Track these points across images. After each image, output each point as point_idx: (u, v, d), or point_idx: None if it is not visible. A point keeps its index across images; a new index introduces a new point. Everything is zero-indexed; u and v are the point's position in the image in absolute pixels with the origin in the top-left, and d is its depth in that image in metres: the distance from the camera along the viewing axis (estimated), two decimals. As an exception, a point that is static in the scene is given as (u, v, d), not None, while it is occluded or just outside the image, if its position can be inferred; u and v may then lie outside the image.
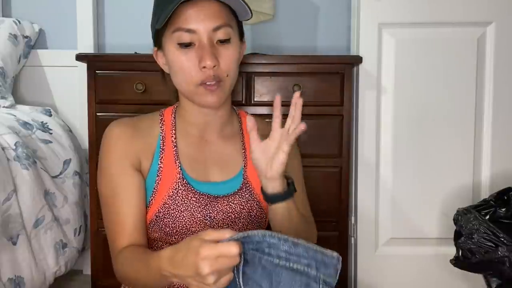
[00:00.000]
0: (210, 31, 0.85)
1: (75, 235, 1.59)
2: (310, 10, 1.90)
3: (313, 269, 0.63)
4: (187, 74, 0.87)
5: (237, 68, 0.92)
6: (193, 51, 0.86)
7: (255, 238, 0.62)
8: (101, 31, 1.92)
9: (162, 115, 0.99)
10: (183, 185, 0.91)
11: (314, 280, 0.63)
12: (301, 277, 0.64)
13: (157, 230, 0.92)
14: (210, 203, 0.91)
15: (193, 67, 0.86)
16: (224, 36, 0.87)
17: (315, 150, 1.52)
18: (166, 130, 0.96)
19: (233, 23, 0.89)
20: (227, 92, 0.91)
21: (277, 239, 0.63)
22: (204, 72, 0.86)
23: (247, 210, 0.93)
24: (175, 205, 0.90)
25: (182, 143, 0.95)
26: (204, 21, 0.85)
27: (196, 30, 0.85)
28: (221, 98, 0.90)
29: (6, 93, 1.73)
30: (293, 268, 0.63)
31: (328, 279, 0.64)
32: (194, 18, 0.85)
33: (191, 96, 0.91)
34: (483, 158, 1.69)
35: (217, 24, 0.85)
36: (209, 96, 0.88)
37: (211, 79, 0.86)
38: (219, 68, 0.86)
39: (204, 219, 0.91)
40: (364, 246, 1.72)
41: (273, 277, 0.64)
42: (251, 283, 0.64)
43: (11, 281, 1.29)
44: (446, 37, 1.67)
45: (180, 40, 0.86)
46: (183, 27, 0.85)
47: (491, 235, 1.28)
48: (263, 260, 0.64)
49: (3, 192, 1.26)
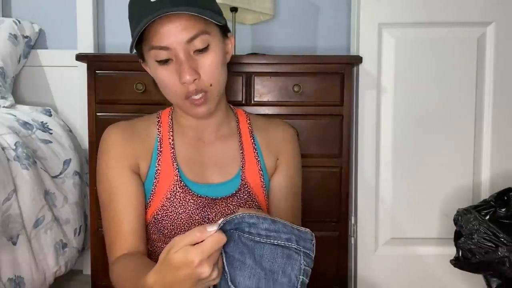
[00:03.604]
0: (185, 44, 0.82)
1: (75, 235, 1.59)
2: (310, 10, 1.90)
3: (293, 242, 0.65)
4: (171, 89, 0.86)
5: (223, 72, 0.89)
6: (172, 66, 0.84)
7: (234, 221, 0.63)
8: (101, 31, 1.92)
9: (159, 116, 0.99)
10: (181, 187, 0.91)
11: (295, 252, 0.66)
12: (283, 250, 0.65)
13: (155, 232, 0.91)
14: (208, 205, 0.91)
15: (175, 82, 0.84)
16: (201, 44, 0.83)
17: (315, 150, 1.52)
18: (163, 132, 0.96)
19: (210, 27, 0.85)
20: (216, 99, 0.90)
21: (256, 218, 0.64)
22: (186, 87, 0.84)
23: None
24: (173, 207, 0.90)
25: (179, 145, 0.95)
26: (177, 35, 0.81)
27: (170, 46, 0.82)
28: (211, 107, 0.89)
29: (6, 93, 1.73)
30: (274, 243, 0.65)
31: (308, 251, 0.66)
32: (166, 35, 0.81)
33: (181, 109, 0.92)
34: (483, 158, 1.69)
35: (191, 35, 0.82)
36: (198, 108, 0.87)
37: (194, 93, 0.85)
38: (200, 80, 0.84)
39: (202, 221, 0.90)
40: (364, 246, 1.72)
41: (255, 251, 0.65)
42: (234, 262, 0.65)
43: (11, 281, 1.29)
44: (446, 37, 1.67)
45: (157, 57, 0.84)
46: (157, 45, 0.82)
47: (491, 236, 1.28)
48: (243, 237, 0.65)
49: (3, 192, 1.26)
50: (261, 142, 1.00)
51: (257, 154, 0.98)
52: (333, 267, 1.54)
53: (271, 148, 1.00)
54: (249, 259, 0.65)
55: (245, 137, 0.99)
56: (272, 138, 1.01)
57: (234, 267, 0.65)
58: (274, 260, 0.66)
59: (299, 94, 1.51)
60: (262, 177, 0.97)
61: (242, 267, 0.65)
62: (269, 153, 1.00)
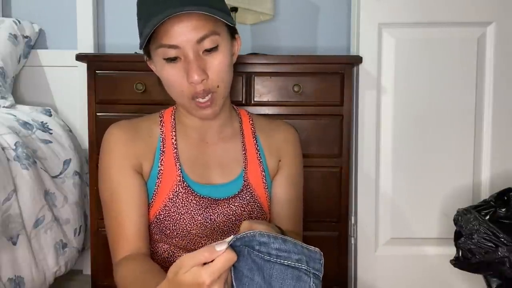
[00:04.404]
0: (194, 43, 0.82)
1: (75, 235, 1.59)
2: (310, 10, 1.90)
3: (303, 263, 0.64)
4: (178, 88, 0.85)
5: (230, 73, 0.89)
6: (181, 65, 0.84)
7: (244, 239, 0.62)
8: (101, 31, 1.92)
9: (162, 116, 0.99)
10: (184, 187, 0.90)
11: (305, 273, 0.65)
12: (293, 271, 0.64)
13: (157, 232, 0.91)
14: (211, 206, 0.91)
15: (182, 80, 0.84)
16: (211, 45, 0.83)
17: (315, 150, 1.52)
18: (166, 132, 0.95)
19: (219, 27, 0.85)
20: (222, 101, 0.89)
21: (267, 237, 0.63)
22: (194, 87, 0.84)
23: (248, 212, 0.93)
24: (175, 207, 0.89)
25: (182, 145, 0.95)
26: (186, 34, 0.81)
27: (180, 45, 0.82)
28: (216, 110, 0.89)
29: (6, 93, 1.73)
30: (284, 264, 0.64)
31: (317, 273, 0.65)
32: (177, 33, 0.81)
33: (186, 109, 0.91)
34: (483, 158, 1.69)
35: (201, 35, 0.82)
36: (204, 110, 0.87)
37: (201, 94, 0.84)
38: (208, 81, 0.84)
39: (204, 221, 0.90)
40: (364, 246, 1.72)
41: (264, 270, 0.64)
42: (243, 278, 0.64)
43: (11, 281, 1.29)
44: (446, 37, 1.67)
45: (165, 55, 0.83)
46: (166, 43, 0.82)
47: (491, 236, 1.28)
48: (252, 254, 0.64)
49: (3, 192, 1.26)
50: (264, 143, 1.00)
51: (259, 155, 0.98)
52: (333, 267, 1.54)
53: (273, 150, 1.00)
54: (257, 277, 0.64)
55: (247, 138, 0.99)
56: (274, 140, 1.01)
57: (242, 283, 0.64)
58: (283, 281, 0.65)
59: (299, 94, 1.51)
60: (264, 178, 0.97)
61: (251, 284, 0.64)
62: (271, 154, 1.00)
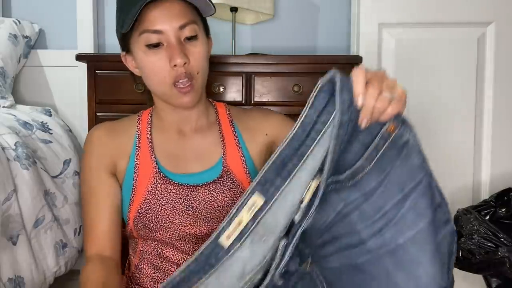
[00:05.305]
0: (177, 29, 0.86)
1: (75, 235, 1.59)
2: (310, 10, 1.90)
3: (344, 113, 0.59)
4: (160, 74, 0.88)
5: (207, 65, 0.93)
6: (163, 51, 0.87)
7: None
8: (101, 31, 1.92)
9: (140, 115, 1.02)
10: (161, 178, 0.92)
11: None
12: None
13: (141, 228, 0.92)
14: (191, 194, 0.91)
15: (165, 66, 0.87)
16: (191, 33, 0.88)
17: (315, 150, 1.52)
18: (142, 129, 0.98)
19: (198, 20, 0.91)
20: (200, 90, 0.93)
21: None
22: (176, 71, 0.87)
23: (230, 198, 0.92)
24: (156, 199, 0.91)
25: (158, 139, 0.97)
26: (170, 20, 0.86)
27: (163, 30, 0.86)
28: (195, 98, 0.91)
29: (6, 93, 1.73)
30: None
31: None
32: (160, 19, 0.86)
33: (166, 98, 0.93)
34: (483, 158, 1.69)
35: (183, 22, 0.87)
36: (184, 97, 0.90)
37: (183, 77, 0.87)
38: (189, 65, 0.88)
39: (186, 209, 0.91)
40: (364, 246, 1.72)
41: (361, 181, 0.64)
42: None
43: (11, 281, 1.29)
44: (446, 37, 1.67)
45: (148, 41, 0.87)
46: (149, 28, 0.86)
47: (491, 236, 1.28)
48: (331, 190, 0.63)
49: (3, 192, 1.26)
50: (242, 129, 1.00)
51: (238, 141, 0.98)
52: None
53: (253, 131, 1.00)
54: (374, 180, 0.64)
55: (225, 126, 1.00)
56: (253, 121, 1.02)
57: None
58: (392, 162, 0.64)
59: (299, 94, 1.51)
60: (245, 163, 0.96)
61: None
62: (252, 137, 0.99)
